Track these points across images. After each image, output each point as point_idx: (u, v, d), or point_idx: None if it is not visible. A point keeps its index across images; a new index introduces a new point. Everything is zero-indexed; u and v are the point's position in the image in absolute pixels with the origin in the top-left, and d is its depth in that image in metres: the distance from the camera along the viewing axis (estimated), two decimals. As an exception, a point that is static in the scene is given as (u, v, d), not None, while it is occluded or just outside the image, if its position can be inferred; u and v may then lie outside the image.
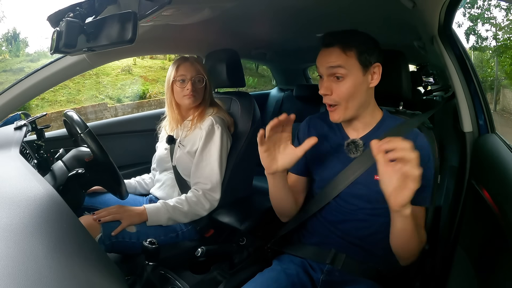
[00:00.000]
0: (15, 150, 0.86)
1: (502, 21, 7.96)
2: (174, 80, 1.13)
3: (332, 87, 0.75)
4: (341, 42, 0.73)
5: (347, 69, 0.73)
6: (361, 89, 0.75)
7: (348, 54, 0.73)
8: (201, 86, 1.15)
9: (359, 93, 0.75)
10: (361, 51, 0.73)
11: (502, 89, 7.31)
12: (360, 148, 0.80)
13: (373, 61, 0.75)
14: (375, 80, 0.76)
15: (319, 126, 0.89)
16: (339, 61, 0.73)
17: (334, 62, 0.73)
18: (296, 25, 1.30)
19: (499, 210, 0.59)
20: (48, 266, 0.39)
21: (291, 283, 0.80)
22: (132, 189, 1.26)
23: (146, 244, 0.77)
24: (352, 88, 0.74)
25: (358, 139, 0.81)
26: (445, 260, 0.83)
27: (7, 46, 7.99)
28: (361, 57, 0.73)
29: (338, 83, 0.74)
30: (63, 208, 0.56)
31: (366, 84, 0.76)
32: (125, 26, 0.54)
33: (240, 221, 1.02)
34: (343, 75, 0.73)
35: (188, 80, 1.12)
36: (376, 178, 0.78)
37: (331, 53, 0.74)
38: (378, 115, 0.83)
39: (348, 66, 0.73)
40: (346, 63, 0.73)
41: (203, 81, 1.15)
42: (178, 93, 1.13)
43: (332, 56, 0.74)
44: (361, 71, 0.74)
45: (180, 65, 1.13)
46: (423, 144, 0.77)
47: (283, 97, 2.39)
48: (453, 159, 1.01)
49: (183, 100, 1.13)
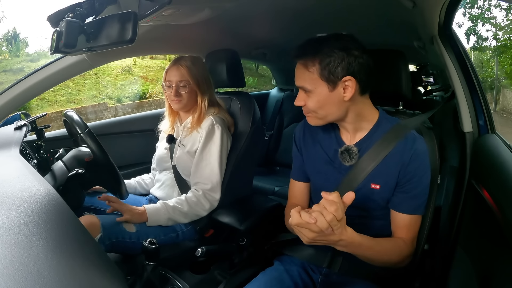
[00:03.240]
0: (15, 150, 0.86)
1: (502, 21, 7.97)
2: (163, 84, 1.14)
3: (304, 99, 0.75)
4: (303, 58, 0.72)
5: (311, 86, 0.72)
6: (331, 102, 0.73)
7: (310, 70, 0.71)
8: (185, 91, 1.11)
9: (330, 106, 0.73)
10: (324, 67, 0.70)
11: (502, 89, 7.32)
12: (354, 156, 0.77)
13: (342, 75, 0.70)
14: (349, 93, 0.71)
15: (314, 131, 0.86)
16: (302, 79, 0.73)
17: (298, 79, 0.74)
18: (296, 25, 1.30)
19: (499, 210, 0.59)
20: (48, 266, 0.39)
21: (294, 283, 0.80)
22: (132, 189, 1.26)
23: (146, 244, 0.77)
24: (320, 102, 0.73)
25: (352, 146, 0.78)
26: (445, 260, 0.83)
27: (7, 46, 7.99)
28: (323, 73, 0.70)
29: (308, 96, 0.74)
30: (63, 208, 0.56)
31: (337, 97, 0.72)
32: (125, 26, 0.54)
33: (240, 221, 1.02)
34: (309, 90, 0.73)
35: (172, 85, 1.11)
36: (372, 187, 0.77)
37: (297, 69, 0.74)
38: (372, 118, 0.79)
39: (311, 84, 0.72)
40: (308, 80, 0.72)
41: (187, 86, 1.11)
42: (167, 97, 1.15)
43: (298, 72, 0.74)
44: (326, 87, 0.71)
45: (168, 69, 1.13)
46: (421, 150, 0.75)
47: (283, 97, 2.39)
48: (453, 159, 1.01)
49: (172, 104, 1.14)
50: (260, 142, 1.81)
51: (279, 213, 1.12)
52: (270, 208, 1.14)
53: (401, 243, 0.75)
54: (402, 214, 0.76)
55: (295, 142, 0.91)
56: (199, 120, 1.14)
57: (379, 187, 0.76)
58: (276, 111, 2.34)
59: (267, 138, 2.28)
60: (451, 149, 1.05)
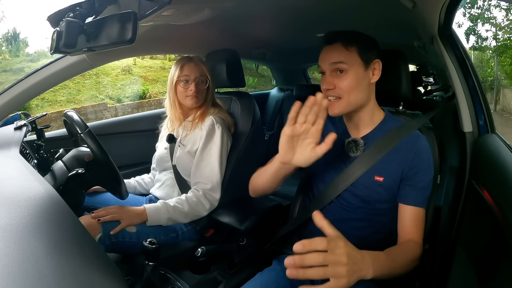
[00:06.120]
0: (15, 150, 0.86)
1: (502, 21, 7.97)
2: (178, 80, 1.12)
3: (334, 82, 0.76)
4: (343, 39, 0.76)
5: (349, 64, 0.75)
6: (363, 84, 0.77)
7: (349, 49, 0.76)
8: (204, 87, 1.15)
9: (360, 88, 0.77)
10: (362, 47, 0.76)
11: (502, 89, 7.32)
12: (360, 148, 0.80)
13: (373, 57, 0.77)
14: (376, 76, 0.78)
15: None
16: (341, 57, 0.76)
17: (336, 57, 0.76)
18: (296, 25, 1.30)
19: (499, 210, 0.59)
20: (48, 266, 0.39)
21: (291, 283, 0.80)
22: (132, 189, 1.26)
23: (146, 244, 0.77)
24: (354, 81, 0.75)
25: (359, 138, 0.81)
26: (445, 260, 0.83)
27: (7, 46, 7.98)
28: (361, 53, 0.76)
29: (341, 77, 0.76)
30: (63, 208, 0.56)
31: (367, 79, 0.77)
32: (125, 26, 0.54)
33: (240, 221, 1.02)
34: (345, 69, 0.76)
35: (191, 81, 1.11)
36: (376, 179, 0.79)
37: (333, 50, 0.77)
38: (379, 115, 0.83)
39: (350, 61, 0.75)
40: (347, 58, 0.75)
41: (206, 82, 1.15)
42: (181, 93, 1.13)
43: (335, 52, 0.77)
44: (362, 66, 0.76)
45: (185, 65, 1.12)
46: (424, 147, 0.78)
47: (283, 97, 2.39)
48: (453, 159, 1.01)
49: (185, 101, 1.13)
50: (260, 142, 1.81)
51: (279, 213, 1.12)
52: (270, 208, 1.14)
53: (414, 246, 0.75)
54: (409, 207, 0.77)
55: None
56: (201, 116, 1.14)
57: (382, 179, 0.79)
58: (276, 111, 2.34)
59: (267, 138, 2.28)
60: (451, 149, 1.05)
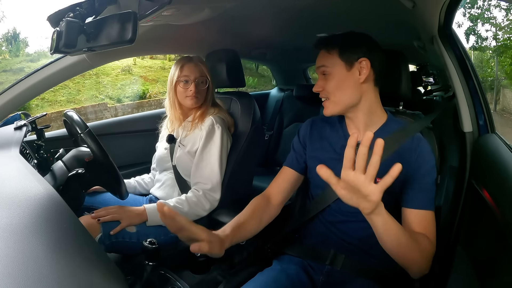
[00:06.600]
0: (15, 150, 0.85)
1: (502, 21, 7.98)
2: (177, 81, 1.12)
3: (322, 84, 0.81)
4: (325, 44, 0.81)
5: (330, 67, 0.80)
6: (348, 84, 0.79)
7: (331, 53, 0.80)
8: (204, 87, 1.15)
9: (345, 88, 0.79)
10: (344, 50, 0.79)
11: (502, 89, 7.32)
12: None
13: (357, 56, 0.78)
14: (363, 75, 0.79)
15: (321, 127, 0.90)
16: (323, 61, 0.81)
17: (320, 62, 0.82)
18: (296, 26, 1.30)
19: (499, 210, 0.59)
20: (48, 266, 0.39)
21: (291, 283, 0.80)
22: (132, 189, 1.26)
23: (146, 244, 0.77)
24: (337, 82, 0.79)
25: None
26: (445, 260, 0.83)
27: (7, 46, 7.99)
28: (343, 55, 0.79)
29: (326, 80, 0.81)
30: (63, 208, 0.56)
31: (352, 79, 0.79)
32: (125, 26, 0.54)
33: (240, 221, 1.02)
34: (328, 72, 0.80)
35: (191, 81, 1.11)
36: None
37: (319, 55, 0.83)
38: (381, 117, 0.83)
39: (331, 64, 0.80)
40: (329, 62, 0.80)
41: (206, 82, 1.15)
42: (181, 93, 1.13)
43: (319, 57, 0.83)
44: (344, 67, 0.79)
45: (184, 66, 1.12)
46: (427, 149, 0.78)
47: (283, 97, 2.39)
48: (453, 159, 1.01)
49: (185, 101, 1.13)
50: (260, 142, 1.81)
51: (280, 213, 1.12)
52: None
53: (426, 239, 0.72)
54: (415, 211, 0.75)
55: (299, 137, 0.92)
56: (201, 117, 1.14)
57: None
58: (276, 111, 2.34)
59: (267, 138, 2.28)
60: (451, 149, 1.05)
